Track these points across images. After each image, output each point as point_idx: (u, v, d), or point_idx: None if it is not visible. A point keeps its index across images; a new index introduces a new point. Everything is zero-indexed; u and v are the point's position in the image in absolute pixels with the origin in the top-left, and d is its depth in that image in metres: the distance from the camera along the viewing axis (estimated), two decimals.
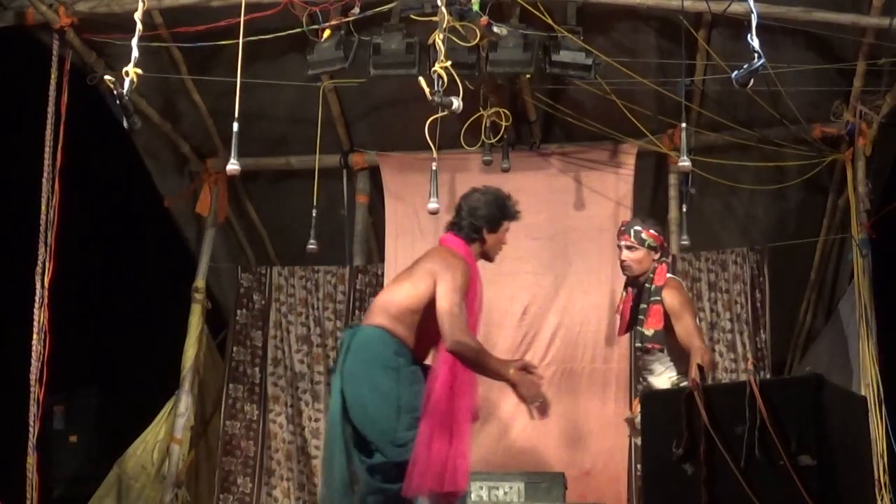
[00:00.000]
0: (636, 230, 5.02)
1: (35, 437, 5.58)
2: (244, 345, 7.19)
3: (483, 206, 4.46)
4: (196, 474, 7.08)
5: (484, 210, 4.45)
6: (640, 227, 5.02)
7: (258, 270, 7.44)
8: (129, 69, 4.26)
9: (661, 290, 4.91)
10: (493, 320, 6.65)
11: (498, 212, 4.48)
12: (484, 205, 4.46)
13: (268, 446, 7.05)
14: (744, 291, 6.71)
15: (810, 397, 3.14)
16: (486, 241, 4.48)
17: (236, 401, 7.11)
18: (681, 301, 4.91)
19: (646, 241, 5.00)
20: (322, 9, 5.68)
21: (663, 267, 5.03)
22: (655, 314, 4.89)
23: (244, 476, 7.00)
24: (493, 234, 4.48)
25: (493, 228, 4.48)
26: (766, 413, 3.09)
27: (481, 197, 4.48)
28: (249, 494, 6.95)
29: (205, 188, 7.25)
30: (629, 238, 5.02)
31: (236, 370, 7.15)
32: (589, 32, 5.92)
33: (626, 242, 5.04)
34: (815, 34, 5.96)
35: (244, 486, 6.98)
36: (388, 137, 7.12)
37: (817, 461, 3.04)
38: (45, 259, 5.73)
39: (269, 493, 6.99)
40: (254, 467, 7.03)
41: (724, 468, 3.17)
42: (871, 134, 6.26)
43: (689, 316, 4.90)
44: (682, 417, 3.33)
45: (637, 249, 5.00)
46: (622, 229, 5.13)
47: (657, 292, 4.92)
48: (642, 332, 4.92)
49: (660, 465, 3.43)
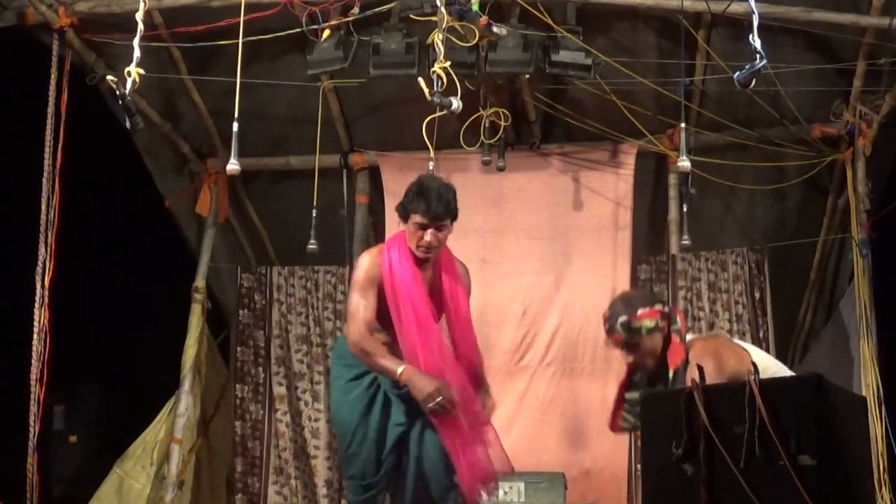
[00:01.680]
0: (623, 322, 4.05)
1: (35, 437, 5.58)
2: (247, 345, 7.21)
3: (406, 193, 4.29)
4: (196, 474, 7.08)
5: (403, 198, 4.29)
6: (626, 316, 4.06)
7: (258, 270, 7.44)
8: (131, 69, 4.26)
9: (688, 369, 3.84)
10: (493, 320, 6.65)
11: (406, 201, 4.27)
12: (406, 192, 4.29)
13: (275, 445, 7.07)
14: (744, 292, 6.71)
15: (810, 397, 3.14)
16: (406, 231, 4.29)
17: (243, 401, 7.13)
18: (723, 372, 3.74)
19: (641, 327, 4.04)
20: (322, 9, 5.68)
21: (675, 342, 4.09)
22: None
23: (252, 476, 7.02)
24: (405, 223, 4.28)
25: (405, 217, 4.28)
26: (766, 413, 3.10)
27: (410, 185, 4.32)
28: (257, 494, 6.97)
29: (205, 188, 7.25)
30: (620, 336, 4.08)
31: (241, 370, 7.16)
32: (589, 32, 5.92)
33: (618, 341, 4.11)
34: (815, 34, 5.96)
35: (252, 485, 7.00)
36: (388, 137, 7.12)
37: (817, 461, 3.04)
38: (45, 259, 5.73)
39: (278, 491, 7.01)
40: (260, 467, 7.05)
41: (723, 468, 3.18)
42: (871, 134, 6.26)
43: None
44: (682, 417, 3.33)
45: (636, 344, 4.04)
46: (607, 328, 4.13)
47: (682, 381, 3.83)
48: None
49: (659, 465, 3.43)
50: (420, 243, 4.23)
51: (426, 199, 4.20)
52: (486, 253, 6.84)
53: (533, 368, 6.61)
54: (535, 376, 6.59)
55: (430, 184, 4.28)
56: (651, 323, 4.06)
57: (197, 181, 7.34)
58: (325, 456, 7.04)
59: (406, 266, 4.23)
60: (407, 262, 4.24)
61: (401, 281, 4.20)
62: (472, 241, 6.84)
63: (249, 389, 7.13)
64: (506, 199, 6.88)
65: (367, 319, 4.15)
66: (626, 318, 4.05)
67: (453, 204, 4.28)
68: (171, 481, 6.60)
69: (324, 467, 7.01)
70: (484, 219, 6.81)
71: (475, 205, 6.45)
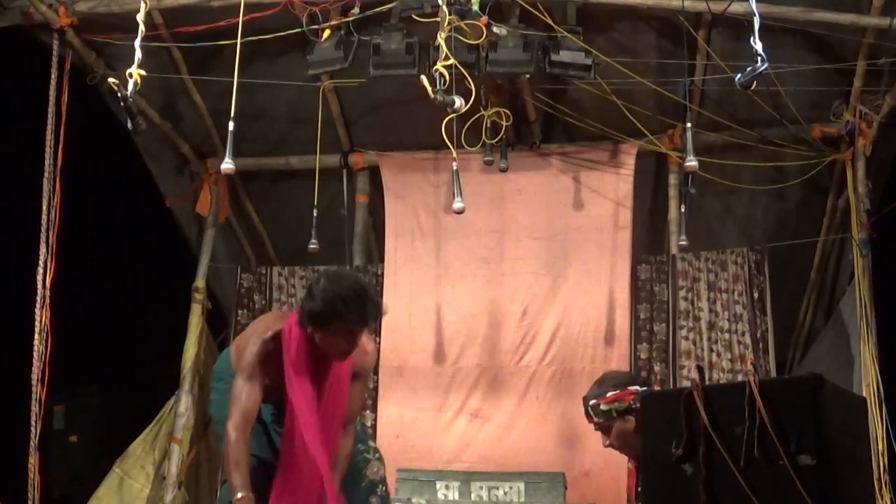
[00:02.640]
0: (592, 404, 3.86)
1: (36, 437, 5.58)
2: None
3: (315, 297, 3.73)
4: (196, 474, 7.08)
5: (311, 304, 3.74)
6: (596, 399, 3.85)
7: (258, 270, 7.44)
8: (132, 70, 4.26)
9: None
10: (493, 320, 6.66)
11: (324, 308, 3.71)
12: (316, 297, 3.73)
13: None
14: (744, 291, 6.71)
15: (810, 397, 3.14)
16: (315, 334, 3.77)
17: None
18: None
19: (610, 409, 3.82)
20: (322, 9, 5.68)
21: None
22: None
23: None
24: (321, 332, 3.75)
25: (319, 325, 3.74)
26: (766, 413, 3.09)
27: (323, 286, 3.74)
28: None
29: (205, 188, 7.25)
30: (592, 419, 3.87)
31: None
32: (589, 32, 5.92)
33: (591, 424, 3.91)
34: (815, 34, 5.96)
35: None
36: (388, 137, 7.13)
37: (817, 461, 3.04)
38: (46, 259, 5.73)
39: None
40: None
41: (723, 468, 3.17)
42: (871, 134, 6.26)
43: None
44: (682, 417, 3.32)
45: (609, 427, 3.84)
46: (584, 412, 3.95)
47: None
48: None
49: (659, 465, 3.42)
50: (341, 350, 3.81)
51: (359, 305, 3.72)
52: (486, 253, 6.85)
53: (533, 368, 6.61)
54: (535, 376, 6.59)
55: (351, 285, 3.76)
56: (621, 406, 3.80)
57: (197, 181, 7.35)
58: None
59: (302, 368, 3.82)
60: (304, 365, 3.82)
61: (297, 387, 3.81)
62: (472, 241, 6.86)
63: None
64: (506, 199, 6.89)
65: (248, 411, 3.75)
66: (596, 400, 3.85)
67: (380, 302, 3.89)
68: (171, 481, 6.61)
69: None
70: (484, 219, 6.82)
71: (475, 205, 6.45)
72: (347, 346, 3.81)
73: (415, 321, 6.85)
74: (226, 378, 4.07)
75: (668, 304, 6.73)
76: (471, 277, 6.84)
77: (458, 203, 5.04)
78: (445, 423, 6.60)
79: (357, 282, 3.85)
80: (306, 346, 3.83)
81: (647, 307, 6.78)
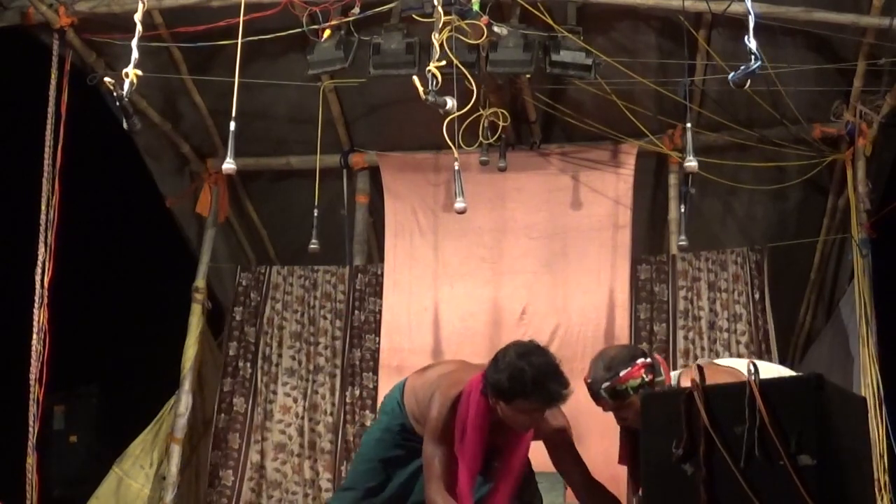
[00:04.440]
0: (607, 388, 3.83)
1: (35, 437, 5.58)
2: (239, 340, 7.18)
3: (501, 370, 3.74)
4: (196, 474, 7.08)
5: (496, 376, 3.74)
6: (610, 381, 3.82)
7: (258, 270, 7.44)
8: (129, 70, 4.26)
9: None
10: (492, 320, 6.66)
11: (509, 385, 3.70)
12: (502, 370, 3.74)
13: (255, 440, 7.00)
14: (744, 291, 6.71)
15: (810, 397, 3.14)
16: (498, 407, 3.77)
17: (229, 395, 7.09)
18: None
19: (626, 388, 3.81)
20: (322, 9, 5.68)
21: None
22: None
23: (226, 469, 6.92)
24: (504, 405, 3.74)
25: (502, 399, 3.74)
26: (766, 413, 3.09)
27: (510, 361, 3.75)
28: (230, 487, 6.90)
29: (205, 188, 7.26)
30: (606, 402, 3.87)
31: (230, 365, 7.13)
32: (589, 32, 5.92)
33: (606, 407, 3.90)
34: (815, 34, 5.96)
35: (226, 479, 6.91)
36: (388, 137, 7.13)
37: (817, 461, 3.04)
38: (45, 259, 5.73)
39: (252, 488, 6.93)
40: (237, 460, 6.96)
41: (723, 468, 3.17)
42: (871, 134, 6.26)
43: None
44: (682, 417, 3.32)
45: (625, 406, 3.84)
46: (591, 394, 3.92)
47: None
48: None
49: (659, 465, 3.42)
50: (523, 425, 3.82)
51: (545, 387, 3.71)
52: (485, 252, 6.85)
53: None
54: None
55: (541, 365, 3.75)
56: (636, 381, 3.82)
57: (197, 181, 7.35)
58: (308, 455, 6.97)
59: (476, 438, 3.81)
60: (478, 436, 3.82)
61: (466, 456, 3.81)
62: (471, 240, 6.86)
63: (236, 384, 7.08)
64: (506, 198, 6.89)
65: (447, 480, 3.76)
66: (610, 383, 3.82)
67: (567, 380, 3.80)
68: (170, 481, 6.61)
69: (306, 465, 6.95)
70: (484, 218, 6.82)
71: (475, 204, 6.43)
72: (530, 422, 3.82)
73: (414, 321, 6.85)
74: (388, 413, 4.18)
75: (667, 303, 6.73)
76: (470, 277, 6.84)
77: (459, 203, 5.04)
78: None
79: (547, 360, 3.81)
80: (484, 417, 3.82)
81: (646, 307, 6.78)
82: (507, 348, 3.85)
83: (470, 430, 3.80)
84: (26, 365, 5.62)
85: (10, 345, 5.88)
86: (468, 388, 3.86)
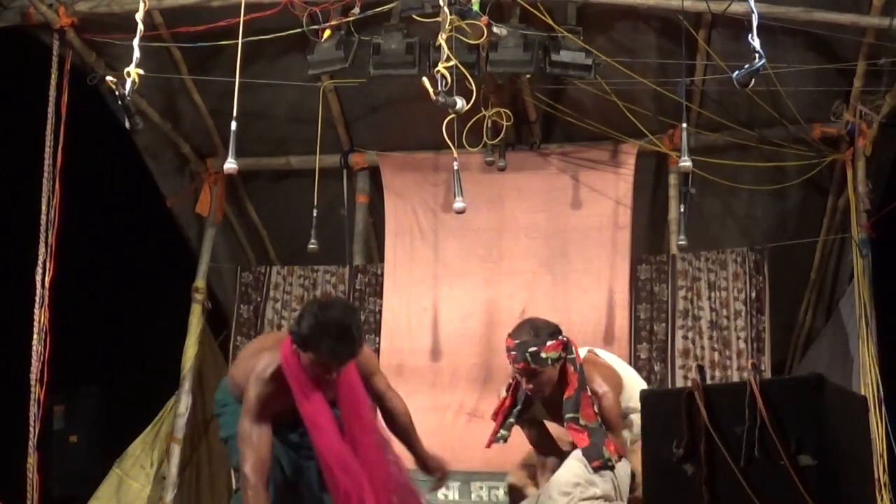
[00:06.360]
0: (532, 352, 4.21)
1: (35, 437, 5.58)
2: (248, 336, 7.18)
3: (301, 322, 3.81)
4: (196, 474, 7.08)
5: (296, 328, 3.83)
6: (537, 347, 4.22)
7: (258, 270, 7.45)
8: (130, 70, 4.27)
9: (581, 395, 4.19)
10: (491, 319, 6.65)
11: (305, 334, 3.78)
12: (302, 322, 3.81)
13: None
14: (743, 291, 6.71)
15: (810, 397, 3.14)
16: (302, 356, 3.84)
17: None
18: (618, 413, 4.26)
19: (547, 357, 4.22)
20: (322, 9, 5.68)
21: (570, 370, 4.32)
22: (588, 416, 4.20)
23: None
24: (303, 355, 3.84)
25: (301, 350, 3.83)
26: (766, 413, 3.10)
27: (310, 312, 3.81)
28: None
29: (205, 188, 7.25)
30: (527, 365, 4.21)
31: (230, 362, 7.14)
32: (589, 32, 5.92)
33: (523, 369, 4.23)
34: (815, 34, 5.96)
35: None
36: (388, 137, 7.13)
37: (817, 461, 3.05)
38: (46, 259, 5.73)
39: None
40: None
41: (724, 468, 3.18)
42: (871, 134, 6.26)
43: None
44: (683, 417, 3.33)
45: (540, 373, 4.24)
46: (512, 353, 4.27)
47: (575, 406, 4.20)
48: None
49: (660, 465, 3.43)
50: (321, 377, 3.86)
51: (330, 342, 3.76)
52: (485, 252, 6.85)
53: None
54: None
55: (331, 317, 3.77)
56: (556, 354, 4.24)
57: (197, 181, 7.35)
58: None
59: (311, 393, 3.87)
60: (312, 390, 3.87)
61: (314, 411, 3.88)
62: (471, 240, 6.86)
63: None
64: (506, 198, 6.89)
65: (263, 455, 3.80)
66: (536, 349, 4.20)
67: (358, 341, 3.87)
68: (171, 481, 6.61)
69: None
70: (484, 218, 6.82)
71: (475, 204, 6.44)
72: (326, 374, 3.85)
73: (413, 321, 6.85)
74: (230, 403, 4.15)
75: (667, 303, 6.73)
76: (470, 277, 6.84)
77: (458, 203, 5.04)
78: (445, 422, 6.59)
79: (343, 315, 3.83)
80: (308, 372, 3.86)
81: (646, 307, 6.78)
82: (311, 301, 4.00)
83: (303, 388, 3.85)
84: (27, 365, 5.62)
85: (11, 345, 5.88)
86: (282, 358, 3.89)
